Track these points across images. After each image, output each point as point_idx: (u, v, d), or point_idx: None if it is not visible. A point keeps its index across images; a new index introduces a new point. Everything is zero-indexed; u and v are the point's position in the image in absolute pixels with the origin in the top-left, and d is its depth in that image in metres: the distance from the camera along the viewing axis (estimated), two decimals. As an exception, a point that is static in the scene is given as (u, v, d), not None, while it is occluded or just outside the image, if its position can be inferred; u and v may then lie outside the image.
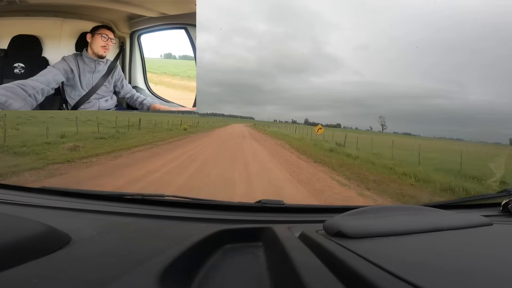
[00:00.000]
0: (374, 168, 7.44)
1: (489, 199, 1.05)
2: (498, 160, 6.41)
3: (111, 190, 0.95)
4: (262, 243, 0.65)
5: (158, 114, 22.57)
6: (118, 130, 11.41)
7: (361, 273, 0.37)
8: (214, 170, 5.23)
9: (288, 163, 7.18)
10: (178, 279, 0.45)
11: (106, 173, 4.40)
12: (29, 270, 0.41)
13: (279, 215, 0.86)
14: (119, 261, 0.48)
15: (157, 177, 4.29)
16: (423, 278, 0.35)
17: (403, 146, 14.98)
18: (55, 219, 0.64)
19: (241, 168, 5.72)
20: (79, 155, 5.72)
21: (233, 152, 8.58)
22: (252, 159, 7.30)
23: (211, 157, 7.01)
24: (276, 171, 5.77)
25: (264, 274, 0.52)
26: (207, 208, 0.87)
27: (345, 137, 14.33)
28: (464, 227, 0.58)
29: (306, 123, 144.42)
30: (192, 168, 5.26)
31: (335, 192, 4.40)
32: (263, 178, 4.88)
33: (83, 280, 0.41)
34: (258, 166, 6.17)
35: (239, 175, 4.94)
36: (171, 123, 21.09)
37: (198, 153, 7.57)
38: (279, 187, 4.36)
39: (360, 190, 4.73)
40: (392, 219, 0.59)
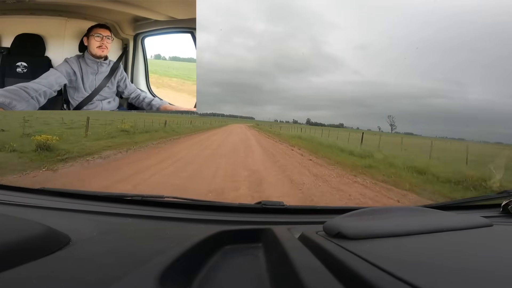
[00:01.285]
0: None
1: (489, 200, 1.05)
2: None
3: (111, 192, 0.96)
4: (262, 244, 0.65)
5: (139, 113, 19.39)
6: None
7: (361, 274, 0.37)
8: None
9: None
10: (178, 280, 0.45)
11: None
12: (29, 270, 0.41)
13: (279, 216, 0.86)
14: (118, 262, 0.48)
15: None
16: (423, 279, 0.35)
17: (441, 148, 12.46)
18: (55, 220, 0.63)
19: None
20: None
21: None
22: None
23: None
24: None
25: (264, 275, 0.52)
26: (207, 209, 0.87)
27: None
28: (463, 228, 0.58)
29: (308, 123, 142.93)
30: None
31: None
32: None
33: (82, 281, 0.41)
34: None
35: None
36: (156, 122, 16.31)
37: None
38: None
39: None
40: (392, 220, 0.59)
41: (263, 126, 53.76)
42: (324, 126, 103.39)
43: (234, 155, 7.80)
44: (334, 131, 24.78)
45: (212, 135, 16.51)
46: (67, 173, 4.29)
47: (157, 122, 16.98)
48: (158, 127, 15.49)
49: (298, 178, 4.94)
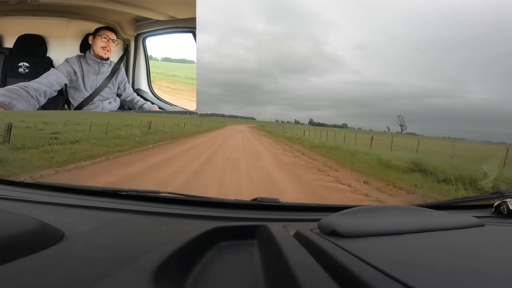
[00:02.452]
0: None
1: (481, 201, 1.06)
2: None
3: (106, 186, 0.95)
4: (257, 241, 0.65)
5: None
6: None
7: (354, 272, 0.37)
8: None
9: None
10: (172, 276, 0.45)
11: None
12: (21, 266, 0.41)
13: (275, 213, 0.86)
14: (112, 257, 0.48)
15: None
16: (415, 277, 0.35)
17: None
18: (49, 215, 0.63)
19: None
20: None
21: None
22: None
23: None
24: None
25: (258, 271, 0.52)
26: (203, 205, 0.86)
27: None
28: (456, 228, 0.59)
29: (310, 123, 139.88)
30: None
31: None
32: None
33: (76, 276, 0.41)
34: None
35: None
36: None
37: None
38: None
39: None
40: (385, 219, 0.59)
41: (268, 127, 45.87)
42: (327, 127, 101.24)
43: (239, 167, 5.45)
44: (350, 133, 21.05)
45: (216, 137, 13.48)
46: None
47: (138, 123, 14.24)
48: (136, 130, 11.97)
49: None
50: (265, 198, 0.89)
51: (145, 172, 5.13)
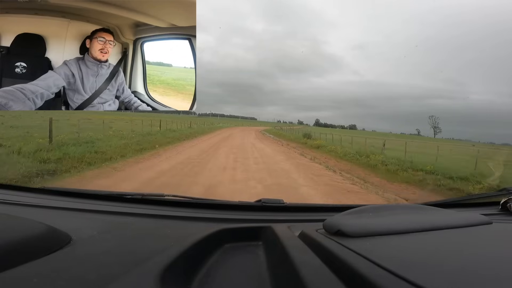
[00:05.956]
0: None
1: (488, 198, 1.05)
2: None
3: (111, 190, 0.95)
4: (262, 242, 0.65)
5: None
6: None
7: (361, 271, 0.38)
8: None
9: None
10: (178, 279, 0.45)
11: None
12: (30, 270, 0.41)
13: (279, 214, 0.86)
14: (119, 260, 0.48)
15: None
16: (423, 276, 0.35)
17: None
18: (55, 219, 0.63)
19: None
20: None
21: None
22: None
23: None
24: None
25: (264, 273, 0.52)
26: (207, 208, 0.86)
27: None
28: (463, 226, 0.59)
29: (317, 124, 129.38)
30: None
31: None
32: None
33: (83, 280, 0.41)
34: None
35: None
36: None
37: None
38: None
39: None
40: (391, 218, 0.59)
41: (282, 131, 30.12)
42: (335, 128, 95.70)
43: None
44: (370, 136, 18.92)
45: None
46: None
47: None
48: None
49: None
50: (269, 199, 0.89)
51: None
